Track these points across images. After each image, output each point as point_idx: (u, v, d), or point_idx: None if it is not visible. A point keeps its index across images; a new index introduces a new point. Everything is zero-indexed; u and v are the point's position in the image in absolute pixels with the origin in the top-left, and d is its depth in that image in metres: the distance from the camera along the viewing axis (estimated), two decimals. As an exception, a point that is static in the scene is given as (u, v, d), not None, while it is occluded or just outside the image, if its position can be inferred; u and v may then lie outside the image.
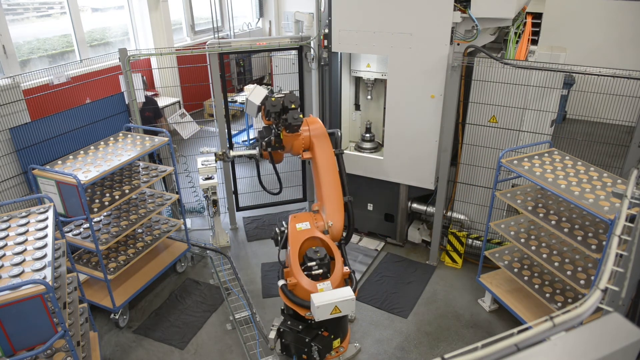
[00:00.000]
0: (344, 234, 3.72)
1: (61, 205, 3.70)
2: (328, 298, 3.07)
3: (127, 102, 4.87)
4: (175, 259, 4.69)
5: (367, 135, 5.22)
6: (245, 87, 8.42)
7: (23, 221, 2.98)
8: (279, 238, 3.58)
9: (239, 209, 5.79)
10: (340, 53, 4.84)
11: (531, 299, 3.91)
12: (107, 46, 7.67)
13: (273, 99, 3.52)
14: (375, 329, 4.09)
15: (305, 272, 3.31)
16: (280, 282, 3.40)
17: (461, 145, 4.56)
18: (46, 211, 3.08)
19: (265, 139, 3.66)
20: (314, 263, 3.30)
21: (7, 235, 2.85)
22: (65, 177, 3.53)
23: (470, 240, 4.79)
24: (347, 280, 3.47)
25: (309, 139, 3.72)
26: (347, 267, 3.44)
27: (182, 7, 9.14)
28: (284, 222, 3.64)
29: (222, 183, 5.51)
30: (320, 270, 3.29)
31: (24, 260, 2.61)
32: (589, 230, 3.38)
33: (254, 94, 3.63)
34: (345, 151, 5.08)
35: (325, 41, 4.78)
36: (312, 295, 3.11)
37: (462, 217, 4.82)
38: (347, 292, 3.12)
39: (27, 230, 2.89)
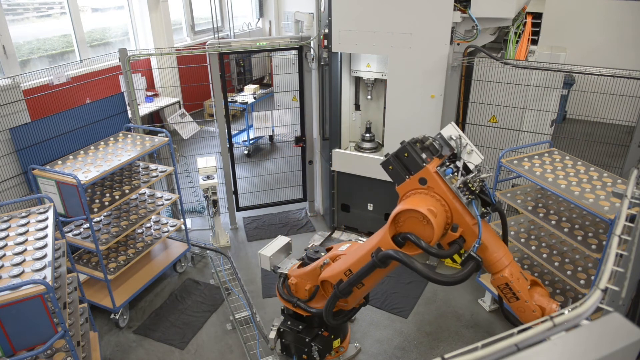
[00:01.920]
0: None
1: (61, 205, 3.70)
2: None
3: (127, 102, 4.87)
4: (175, 259, 4.69)
5: (367, 135, 5.22)
6: (246, 87, 8.42)
7: (23, 221, 2.98)
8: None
9: (239, 209, 5.79)
10: (340, 53, 4.84)
11: (531, 299, 3.91)
12: (107, 46, 7.67)
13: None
14: (375, 329, 4.09)
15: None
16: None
17: (461, 145, 4.55)
18: (46, 211, 3.08)
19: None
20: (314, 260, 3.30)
21: (7, 236, 2.85)
22: (65, 177, 3.53)
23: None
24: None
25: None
26: None
27: (182, 7, 9.14)
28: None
29: (222, 183, 5.51)
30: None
31: (24, 261, 2.61)
32: (589, 230, 3.38)
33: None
34: (345, 151, 5.11)
35: (325, 41, 4.78)
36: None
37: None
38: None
39: (27, 230, 2.89)
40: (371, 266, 2.62)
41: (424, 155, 2.57)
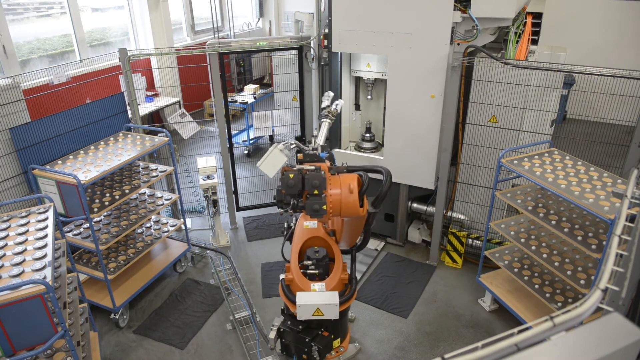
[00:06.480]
0: (358, 241, 3.66)
1: (61, 205, 3.70)
2: (312, 299, 3.10)
3: (127, 102, 4.87)
4: (175, 259, 4.69)
5: (367, 135, 5.22)
6: (246, 87, 8.42)
7: (23, 221, 2.98)
8: (286, 232, 3.64)
9: (239, 209, 5.79)
10: (340, 53, 4.84)
11: (531, 299, 3.91)
12: (107, 46, 7.67)
13: (291, 175, 2.75)
14: (375, 329, 4.09)
15: (302, 271, 3.32)
16: (281, 276, 3.42)
17: (461, 145, 4.56)
18: (46, 211, 3.08)
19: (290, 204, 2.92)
20: (310, 262, 3.30)
21: (7, 235, 2.85)
22: (65, 177, 3.53)
23: (470, 240, 4.79)
24: (348, 284, 3.43)
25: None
26: (349, 272, 3.43)
27: (182, 7, 9.14)
28: (294, 218, 3.68)
29: (222, 183, 5.51)
30: (317, 271, 3.29)
31: (24, 260, 2.61)
32: (589, 230, 3.38)
33: (269, 160, 3.11)
34: (345, 151, 5.11)
35: (325, 41, 4.78)
36: (297, 294, 3.15)
37: (462, 217, 4.82)
38: (332, 297, 3.12)
39: (27, 230, 2.89)
40: None
41: None
